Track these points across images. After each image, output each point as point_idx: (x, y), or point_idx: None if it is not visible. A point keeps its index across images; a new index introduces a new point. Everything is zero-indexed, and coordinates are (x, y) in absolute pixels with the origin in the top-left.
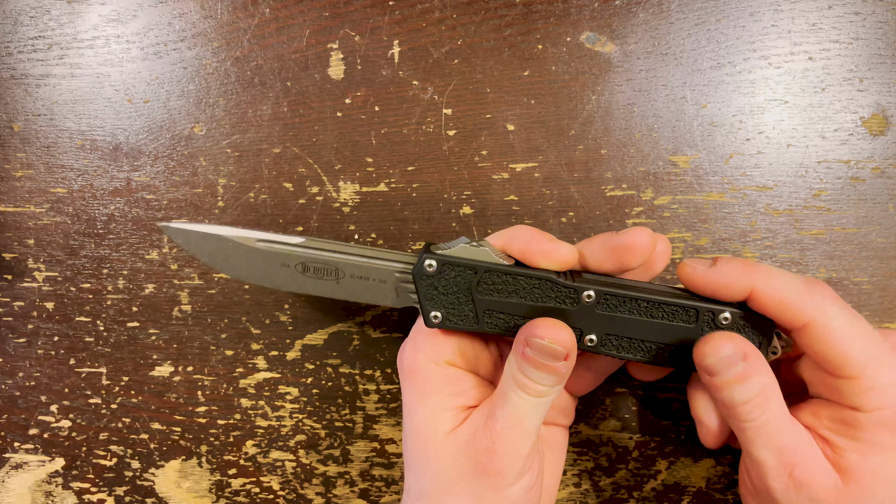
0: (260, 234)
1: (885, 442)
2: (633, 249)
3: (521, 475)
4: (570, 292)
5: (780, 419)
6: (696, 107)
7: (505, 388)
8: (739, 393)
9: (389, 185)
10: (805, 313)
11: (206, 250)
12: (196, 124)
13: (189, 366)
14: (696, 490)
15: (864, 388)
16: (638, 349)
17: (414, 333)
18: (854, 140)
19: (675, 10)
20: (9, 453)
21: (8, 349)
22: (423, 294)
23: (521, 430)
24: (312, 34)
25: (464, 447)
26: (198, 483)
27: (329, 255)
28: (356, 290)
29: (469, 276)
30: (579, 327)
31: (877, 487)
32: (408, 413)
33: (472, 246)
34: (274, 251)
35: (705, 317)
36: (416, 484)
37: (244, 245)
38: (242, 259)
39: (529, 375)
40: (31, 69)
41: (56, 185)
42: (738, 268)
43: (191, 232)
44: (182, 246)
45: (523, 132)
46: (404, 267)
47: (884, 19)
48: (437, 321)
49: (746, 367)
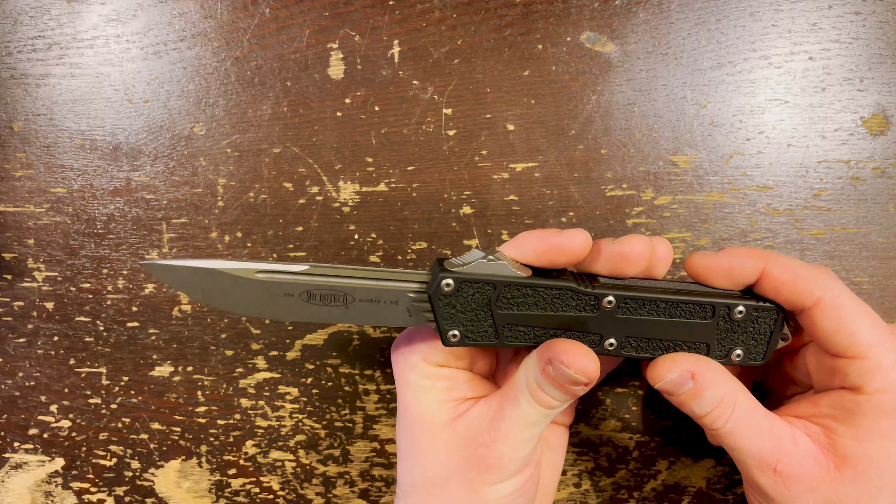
0: (258, 265)
1: (883, 428)
2: (628, 259)
3: (518, 472)
4: (590, 299)
5: (750, 421)
6: (697, 107)
7: (517, 393)
8: (698, 407)
9: (389, 185)
10: (816, 290)
11: (198, 287)
12: (196, 124)
13: (189, 366)
14: (696, 490)
15: (869, 368)
16: (657, 348)
17: (411, 332)
18: (854, 140)
19: (675, 10)
20: (9, 453)
21: (8, 349)
22: (439, 314)
23: (526, 434)
24: (312, 34)
25: (462, 439)
26: (198, 483)
27: (335, 281)
28: (367, 314)
29: (488, 292)
30: (599, 332)
31: (873, 474)
32: (403, 405)
33: (488, 261)
34: (276, 281)
35: (721, 312)
36: (408, 477)
37: (243, 277)
38: (241, 292)
39: (546, 391)
40: (30, 69)
41: (56, 185)
42: (746, 251)
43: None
44: (170, 285)
45: (523, 132)
46: (418, 287)
47: (884, 19)
48: (456, 340)
49: (696, 385)
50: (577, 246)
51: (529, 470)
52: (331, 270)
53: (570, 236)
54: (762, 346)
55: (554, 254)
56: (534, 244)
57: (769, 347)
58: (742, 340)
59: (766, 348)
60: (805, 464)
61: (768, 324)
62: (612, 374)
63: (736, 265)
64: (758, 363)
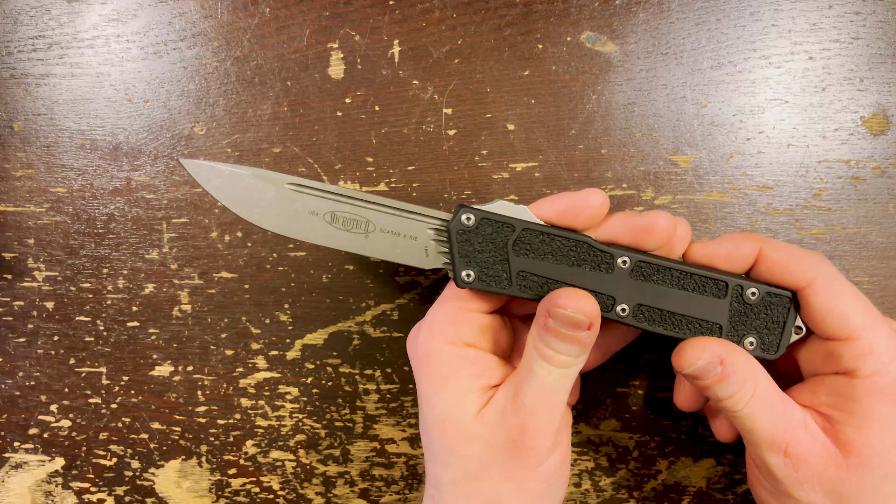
0: (290, 178)
1: (881, 413)
2: (652, 231)
3: (553, 449)
4: (605, 256)
5: (768, 402)
6: (697, 106)
7: (529, 363)
8: (722, 391)
9: (389, 185)
10: (810, 271)
11: (230, 192)
12: (196, 124)
13: (189, 365)
14: (696, 490)
15: (862, 350)
16: (668, 322)
17: (429, 316)
18: (854, 140)
19: (675, 10)
20: (9, 453)
21: (8, 349)
22: (456, 250)
23: (549, 403)
24: (312, 34)
25: (494, 427)
26: (198, 483)
27: (361, 205)
28: (384, 246)
29: (506, 233)
30: (612, 295)
31: (876, 462)
32: (427, 402)
33: (511, 204)
34: (304, 196)
35: (735, 291)
36: (445, 474)
37: (273, 187)
38: (270, 204)
39: (553, 346)
40: (31, 69)
41: (56, 185)
42: (742, 235)
43: (216, 170)
44: (204, 186)
45: (523, 132)
46: (439, 223)
47: (884, 19)
48: (470, 280)
49: (724, 369)
50: (596, 203)
51: (562, 450)
52: (359, 194)
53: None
54: (776, 336)
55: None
56: (556, 203)
57: (783, 339)
58: (755, 327)
59: (780, 339)
60: (814, 449)
61: (781, 312)
62: (611, 374)
63: (734, 249)
64: (771, 356)
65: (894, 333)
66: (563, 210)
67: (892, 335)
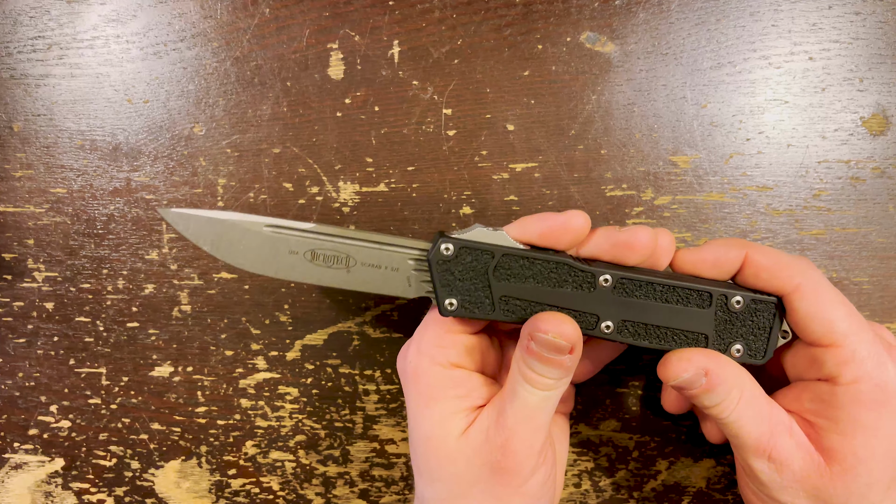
0: (268, 220)
1: (864, 420)
2: (633, 248)
3: (536, 469)
4: (586, 276)
5: (753, 408)
6: (697, 107)
7: (513, 384)
8: (708, 400)
9: (389, 185)
10: (796, 276)
11: (208, 238)
12: (196, 124)
13: (189, 366)
14: (696, 490)
15: (844, 357)
16: (654, 335)
17: (417, 336)
18: (854, 140)
19: (675, 10)
20: (9, 453)
21: (8, 349)
22: (438, 280)
23: (532, 424)
24: (312, 34)
25: (477, 448)
26: (197, 483)
27: (340, 242)
28: (367, 280)
29: (486, 260)
30: (595, 313)
31: (861, 470)
32: (414, 419)
33: (489, 230)
34: (283, 237)
35: (719, 301)
36: (429, 490)
37: (251, 231)
38: (249, 246)
39: (535, 369)
40: (30, 69)
41: (56, 185)
42: (728, 241)
43: (193, 217)
44: (183, 233)
45: (523, 132)
46: (419, 254)
47: (884, 19)
48: (453, 308)
49: (709, 380)
50: (577, 226)
51: (546, 469)
52: (336, 231)
53: (571, 216)
54: (762, 341)
55: (556, 234)
56: (536, 224)
57: (769, 344)
58: (741, 334)
59: (767, 345)
60: (797, 454)
61: (767, 318)
62: (611, 374)
63: (720, 255)
64: (758, 362)
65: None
66: (545, 232)
67: (875, 341)
